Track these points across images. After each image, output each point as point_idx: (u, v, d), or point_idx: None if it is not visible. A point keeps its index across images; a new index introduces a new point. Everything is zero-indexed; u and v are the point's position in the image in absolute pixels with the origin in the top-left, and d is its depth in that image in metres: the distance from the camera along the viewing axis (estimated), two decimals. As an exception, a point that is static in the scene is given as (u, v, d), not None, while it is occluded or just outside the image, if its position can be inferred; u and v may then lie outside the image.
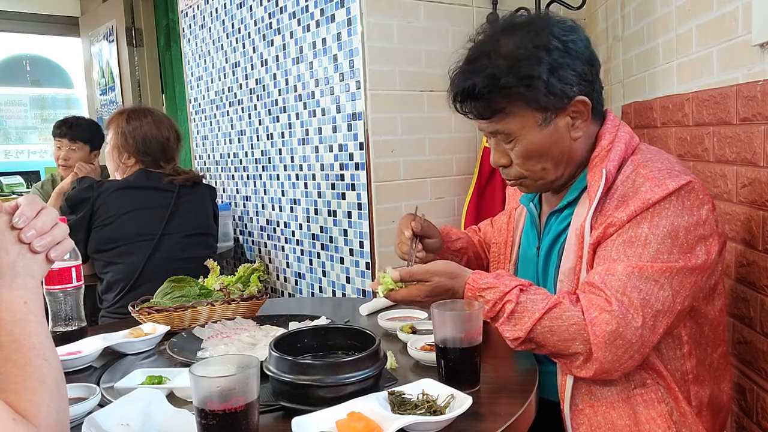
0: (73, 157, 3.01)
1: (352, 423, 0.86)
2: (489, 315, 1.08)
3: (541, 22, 1.15)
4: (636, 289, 1.00)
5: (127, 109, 2.19)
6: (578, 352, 1.01)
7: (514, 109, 1.12)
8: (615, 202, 1.08)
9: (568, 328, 1.01)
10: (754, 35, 1.23)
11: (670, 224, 1.02)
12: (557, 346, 1.03)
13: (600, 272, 1.04)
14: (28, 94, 6.46)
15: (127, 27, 4.43)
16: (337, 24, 2.10)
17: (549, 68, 1.09)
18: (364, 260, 2.13)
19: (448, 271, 1.13)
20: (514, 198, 1.41)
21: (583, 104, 1.13)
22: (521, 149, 1.15)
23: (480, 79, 1.10)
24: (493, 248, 1.46)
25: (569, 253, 1.15)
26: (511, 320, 1.05)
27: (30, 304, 0.75)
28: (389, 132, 2.08)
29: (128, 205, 2.04)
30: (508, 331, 1.06)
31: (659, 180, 1.05)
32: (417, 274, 1.13)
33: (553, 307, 1.03)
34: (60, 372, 0.75)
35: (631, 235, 1.03)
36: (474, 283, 1.10)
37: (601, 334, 0.99)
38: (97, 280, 2.09)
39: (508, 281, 1.08)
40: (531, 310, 1.04)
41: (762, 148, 1.23)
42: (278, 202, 2.63)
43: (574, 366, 1.04)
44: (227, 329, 1.35)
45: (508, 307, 1.05)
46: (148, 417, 0.91)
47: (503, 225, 1.44)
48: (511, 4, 2.20)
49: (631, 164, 1.11)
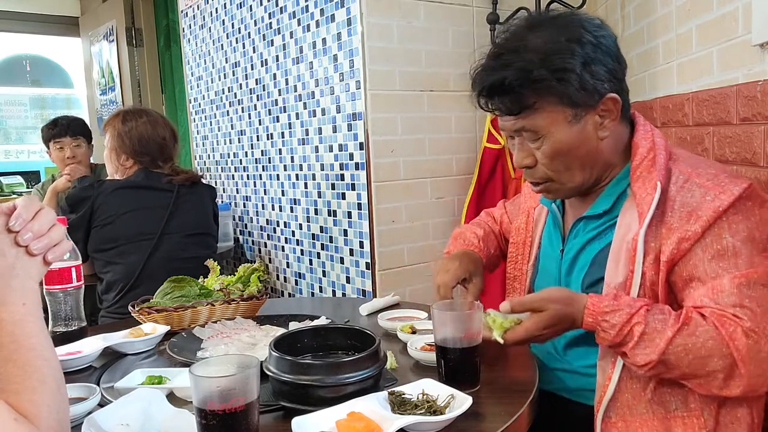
0: (78, 153, 3.02)
1: (352, 423, 0.85)
2: (615, 340, 0.98)
3: (570, 17, 1.12)
4: (751, 298, 0.95)
5: (122, 111, 2.20)
6: (716, 369, 0.95)
7: (544, 105, 1.07)
8: (677, 214, 1.02)
9: (704, 344, 0.94)
10: (754, 35, 1.23)
11: (745, 228, 0.98)
12: (693, 365, 0.96)
13: (706, 294, 0.98)
14: (28, 94, 6.46)
15: (127, 27, 4.43)
16: (337, 24, 2.10)
17: (582, 62, 1.05)
18: (364, 260, 2.13)
19: (562, 297, 1.03)
20: (532, 197, 1.37)
21: (614, 102, 1.09)
22: (549, 147, 1.10)
23: (510, 72, 1.05)
24: (511, 248, 1.40)
25: (617, 266, 1.08)
26: (641, 343, 0.97)
27: (29, 305, 0.75)
28: (389, 132, 2.08)
29: (128, 204, 2.04)
30: (639, 356, 0.97)
31: (722, 186, 1.00)
32: (529, 303, 1.04)
33: (684, 324, 0.96)
34: (60, 372, 0.75)
35: (717, 248, 0.98)
36: (595, 308, 1.00)
37: (743, 348, 0.93)
38: (97, 280, 2.09)
39: (631, 301, 1.00)
40: (661, 330, 0.96)
41: (762, 148, 1.24)
42: (278, 202, 2.63)
43: (714, 386, 0.96)
44: (227, 329, 1.35)
45: (638, 330, 0.96)
46: (148, 417, 0.91)
47: (521, 225, 1.38)
48: (511, 4, 2.20)
49: (680, 174, 1.05)
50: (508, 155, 2.23)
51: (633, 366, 1.00)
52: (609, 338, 0.99)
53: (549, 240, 1.30)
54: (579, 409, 1.16)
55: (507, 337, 1.04)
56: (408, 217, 2.14)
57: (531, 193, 1.38)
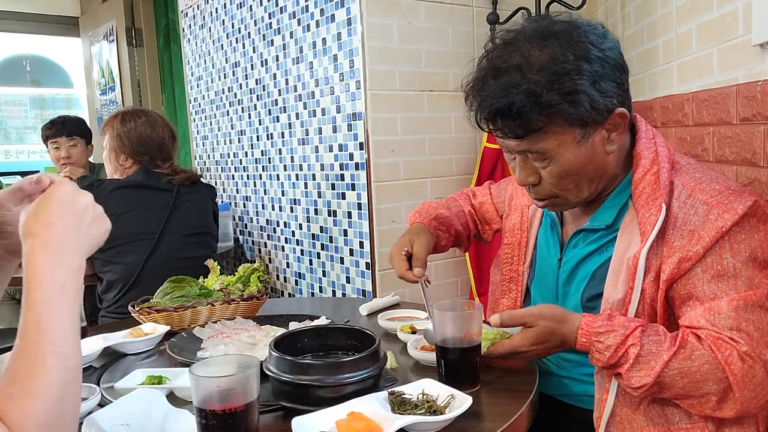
0: (74, 153, 3.03)
1: (352, 423, 0.85)
2: (610, 361, 0.97)
3: (573, 29, 1.04)
4: (749, 321, 0.94)
5: (121, 112, 2.20)
6: (710, 392, 0.94)
7: (552, 127, 1.02)
8: (679, 232, 1.00)
9: (700, 368, 0.93)
10: (754, 35, 1.23)
11: (748, 247, 0.96)
12: (687, 387, 0.95)
13: (703, 314, 0.96)
14: (28, 94, 6.45)
15: (127, 27, 4.43)
16: (337, 24, 2.10)
17: (591, 81, 1.00)
18: (364, 260, 2.13)
19: (554, 315, 1.02)
20: (526, 193, 1.30)
21: (622, 117, 1.05)
22: (557, 168, 1.05)
23: (518, 97, 0.99)
24: (506, 249, 1.35)
25: (616, 282, 1.05)
26: (636, 365, 0.95)
27: (67, 288, 0.69)
28: (389, 132, 2.08)
29: (128, 204, 2.04)
30: (634, 378, 0.96)
31: (725, 204, 0.98)
32: (520, 317, 1.02)
33: (680, 348, 0.95)
34: (75, 373, 0.68)
35: (717, 269, 0.97)
36: (588, 328, 0.98)
37: (738, 372, 0.92)
38: (97, 279, 2.09)
39: (626, 322, 0.98)
40: (656, 353, 0.95)
41: (762, 148, 1.24)
42: (278, 202, 2.63)
43: (708, 407, 0.96)
44: (227, 329, 1.35)
45: (633, 351, 0.95)
46: (148, 417, 0.91)
47: (516, 225, 1.33)
48: (511, 4, 2.20)
49: (683, 188, 1.03)
50: (508, 155, 2.23)
51: (627, 388, 0.99)
52: (604, 359, 0.97)
53: (546, 244, 1.27)
54: (579, 413, 1.16)
55: (491, 350, 1.03)
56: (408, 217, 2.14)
57: (524, 191, 1.33)
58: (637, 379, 0.96)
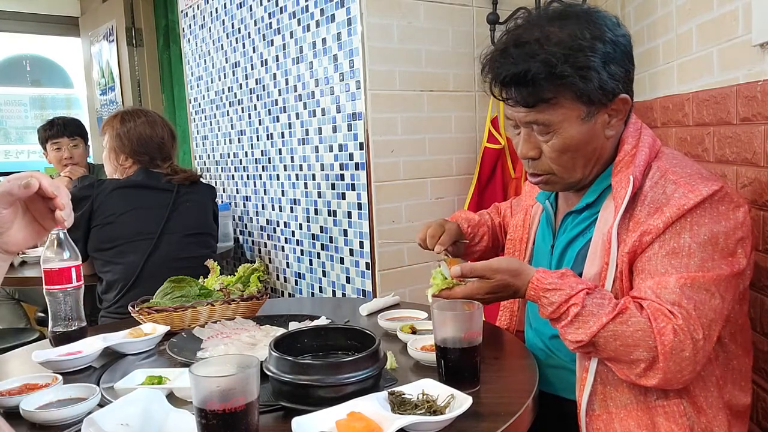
0: (76, 153, 3.03)
1: (352, 423, 0.85)
2: (551, 316, 1.05)
3: (592, 12, 1.12)
4: (690, 300, 0.98)
5: (120, 112, 2.21)
6: (640, 359, 0.99)
7: (561, 100, 1.08)
8: (647, 209, 1.05)
9: (633, 334, 0.99)
10: (754, 35, 1.23)
11: (709, 231, 1.00)
12: (618, 351, 1.00)
13: (651, 287, 1.01)
14: (28, 94, 6.45)
15: (127, 27, 4.43)
16: (337, 24, 2.10)
17: (603, 61, 1.06)
18: (364, 260, 2.13)
19: (510, 269, 1.10)
20: (531, 195, 1.40)
21: (624, 103, 1.11)
22: (558, 142, 1.11)
23: (535, 65, 1.05)
24: (508, 245, 1.43)
25: (594, 258, 1.12)
26: (574, 323, 1.02)
27: None
28: (389, 132, 2.08)
29: (128, 204, 2.04)
30: (570, 334, 1.03)
31: (691, 185, 1.02)
32: (479, 270, 1.10)
33: (620, 313, 1.00)
34: None
35: (673, 246, 1.01)
36: (538, 283, 1.06)
37: (668, 344, 0.96)
38: (97, 280, 2.09)
39: (574, 283, 1.04)
40: (597, 315, 1.01)
41: (762, 148, 1.24)
42: (278, 202, 2.63)
43: (634, 373, 1.01)
44: (227, 329, 1.35)
45: (573, 311, 1.02)
46: (148, 417, 0.91)
47: (519, 222, 1.41)
48: (511, 4, 2.20)
49: (657, 170, 1.08)
50: (509, 155, 2.23)
51: (565, 341, 1.06)
52: (546, 313, 1.06)
53: (542, 236, 1.33)
54: (565, 404, 1.17)
55: (447, 293, 1.12)
56: (408, 217, 2.14)
57: (530, 192, 1.41)
58: (573, 335, 1.03)
